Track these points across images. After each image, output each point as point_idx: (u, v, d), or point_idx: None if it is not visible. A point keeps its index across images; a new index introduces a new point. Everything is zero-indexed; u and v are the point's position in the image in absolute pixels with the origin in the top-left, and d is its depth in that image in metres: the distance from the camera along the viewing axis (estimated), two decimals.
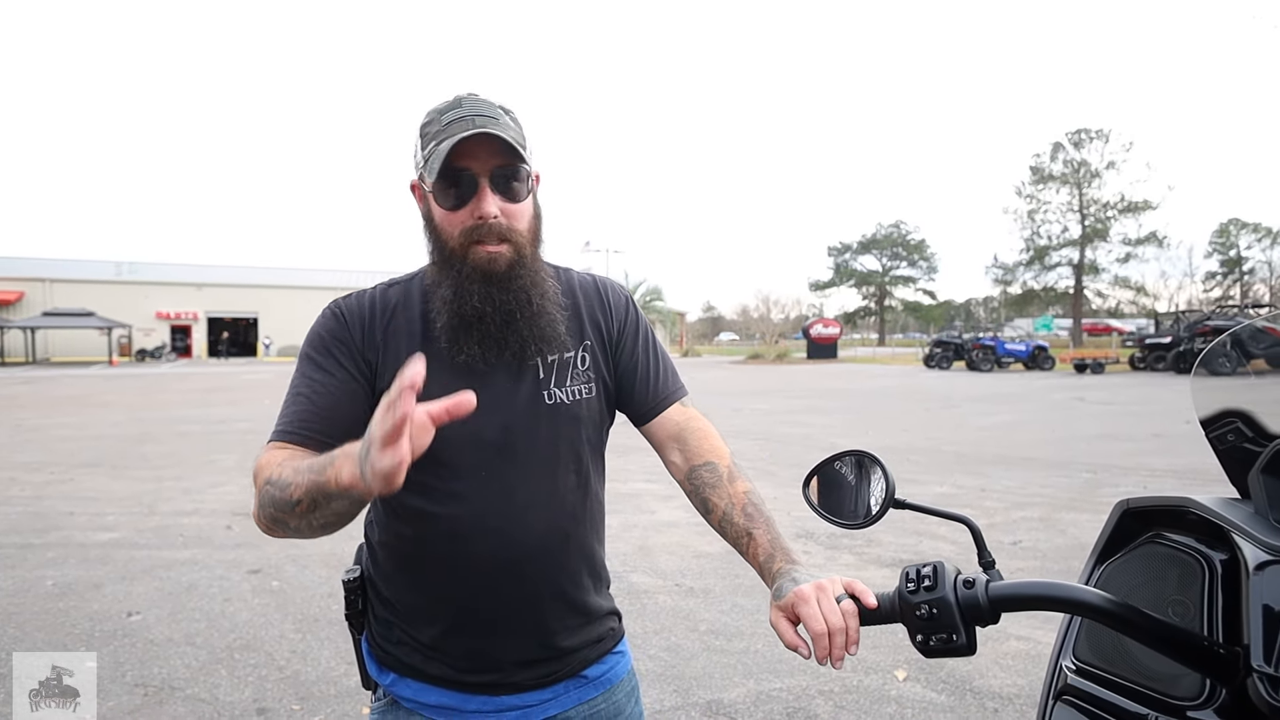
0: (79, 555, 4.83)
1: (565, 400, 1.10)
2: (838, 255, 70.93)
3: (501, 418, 1.05)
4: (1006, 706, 2.88)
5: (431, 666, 1.09)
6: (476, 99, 1.03)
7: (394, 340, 1.07)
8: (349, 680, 3.14)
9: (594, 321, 1.16)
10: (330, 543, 5.13)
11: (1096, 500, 6.29)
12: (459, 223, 1.02)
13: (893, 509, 1.01)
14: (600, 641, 1.17)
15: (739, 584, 4.31)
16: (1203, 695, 0.82)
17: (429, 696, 1.09)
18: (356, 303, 1.10)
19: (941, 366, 30.10)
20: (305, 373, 1.06)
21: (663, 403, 1.18)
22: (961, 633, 0.82)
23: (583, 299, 1.17)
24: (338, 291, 1.25)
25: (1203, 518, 0.92)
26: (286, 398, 1.06)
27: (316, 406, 1.03)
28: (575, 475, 1.12)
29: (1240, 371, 1.14)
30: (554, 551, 1.09)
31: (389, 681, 1.13)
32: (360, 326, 1.07)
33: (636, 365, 1.18)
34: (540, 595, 1.09)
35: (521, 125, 1.06)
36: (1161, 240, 48.01)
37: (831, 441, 9.81)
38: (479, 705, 1.09)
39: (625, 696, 1.19)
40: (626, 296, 1.23)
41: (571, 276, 1.19)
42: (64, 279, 40.39)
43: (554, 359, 1.10)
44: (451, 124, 1.00)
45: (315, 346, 1.07)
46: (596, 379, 1.14)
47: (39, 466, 8.04)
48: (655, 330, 1.46)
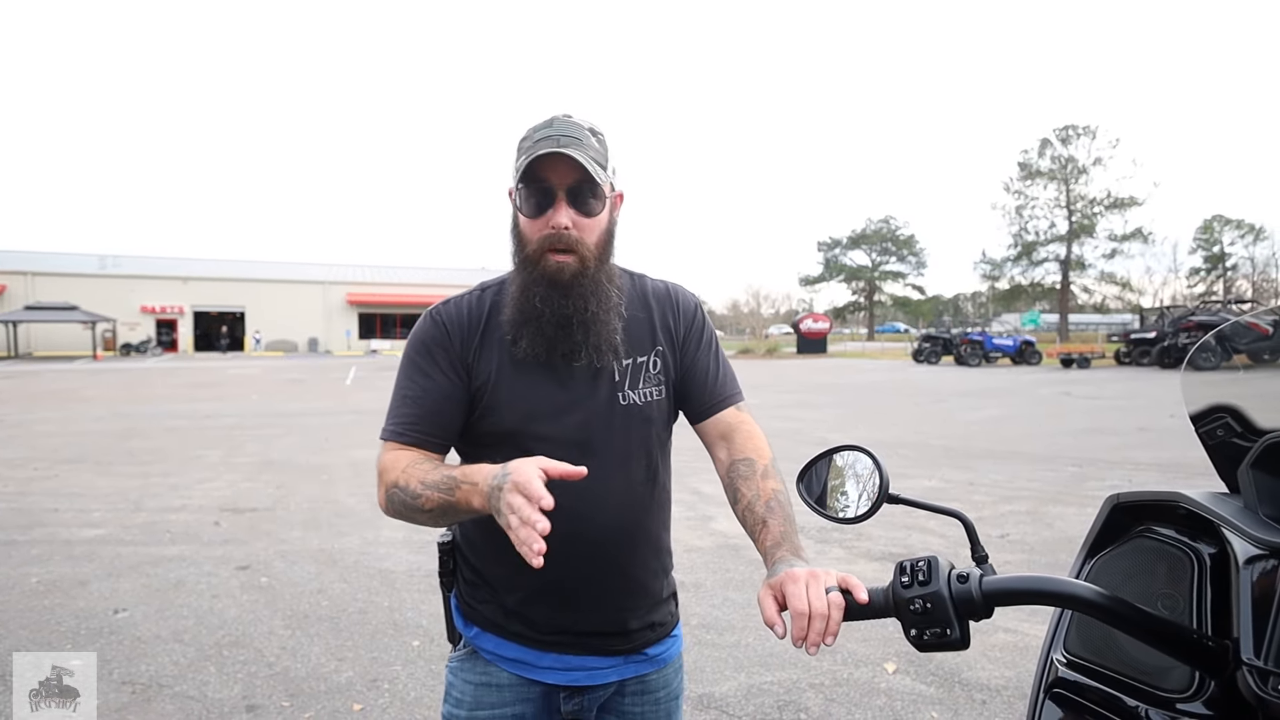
0: (64, 552, 4.78)
1: (638, 401, 1.22)
2: (827, 250, 71.09)
3: (582, 416, 1.18)
4: (995, 698, 2.91)
5: (512, 625, 1.22)
6: (567, 120, 1.15)
7: (486, 345, 1.20)
8: (339, 676, 3.13)
9: (665, 327, 1.27)
10: (319, 539, 5.11)
11: (1083, 494, 6.35)
12: (537, 230, 1.15)
13: (887, 504, 1.02)
14: (662, 625, 1.29)
15: (729, 578, 4.33)
16: (1192, 688, 0.83)
17: (507, 650, 1.23)
18: (455, 310, 1.23)
19: (930, 361, 30.27)
20: (411, 376, 1.20)
21: (720, 404, 1.27)
22: (955, 627, 0.82)
23: (656, 306, 1.28)
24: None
25: (1192, 512, 0.93)
26: (394, 399, 1.20)
27: (423, 409, 1.18)
28: (645, 469, 1.24)
29: (1227, 366, 1.15)
30: (625, 537, 1.21)
31: (473, 634, 1.26)
32: (460, 333, 1.20)
33: (698, 367, 1.28)
34: (611, 575, 1.21)
35: (607, 147, 1.18)
36: (1147, 236, 48.43)
37: (821, 436, 9.85)
38: (551, 662, 1.22)
39: (674, 673, 1.32)
40: (696, 303, 1.34)
41: (646, 284, 1.30)
42: (47, 272, 39.83)
43: (628, 363, 1.22)
44: (540, 141, 1.12)
45: (418, 351, 1.21)
46: (665, 381, 1.26)
47: (22, 462, 7.94)
48: None
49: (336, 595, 4.06)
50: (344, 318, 44.60)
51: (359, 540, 5.09)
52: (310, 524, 5.51)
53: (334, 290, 44.38)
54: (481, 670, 1.24)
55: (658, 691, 1.29)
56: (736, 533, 5.20)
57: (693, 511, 5.84)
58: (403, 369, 1.22)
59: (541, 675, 1.22)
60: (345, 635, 3.54)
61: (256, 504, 6.12)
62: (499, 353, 1.18)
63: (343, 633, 3.57)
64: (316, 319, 43.69)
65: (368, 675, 3.14)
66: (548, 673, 1.22)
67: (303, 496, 6.38)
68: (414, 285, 45.94)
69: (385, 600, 3.99)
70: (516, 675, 1.22)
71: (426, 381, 1.18)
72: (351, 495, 6.44)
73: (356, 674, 3.15)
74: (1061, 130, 49.43)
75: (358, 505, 6.09)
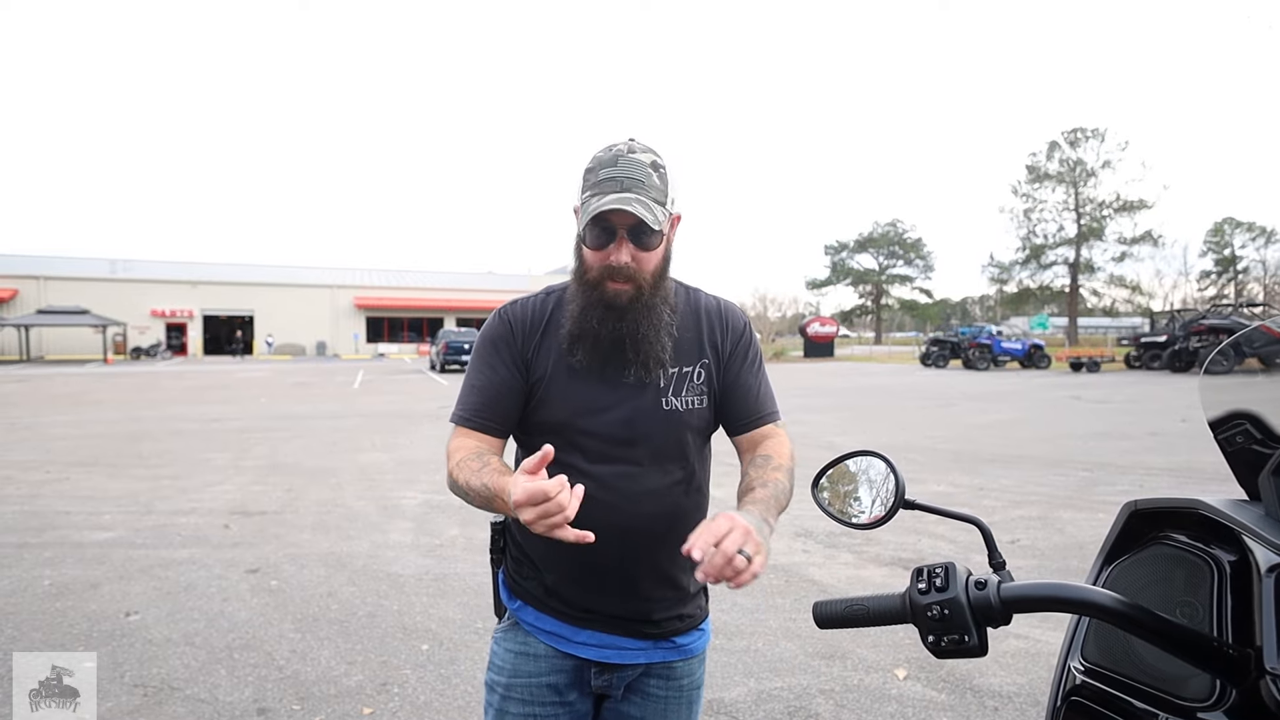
0: (76, 555, 4.81)
1: (680, 408, 1.31)
2: (834, 254, 70.98)
3: (626, 415, 1.28)
4: (1007, 705, 2.89)
5: (550, 601, 1.32)
6: (631, 160, 1.21)
7: (544, 344, 1.31)
8: (349, 680, 3.13)
9: (713, 342, 1.36)
10: (328, 543, 5.12)
11: (1094, 499, 6.30)
12: (599, 261, 1.24)
13: (903, 509, 1.01)
14: (691, 617, 1.37)
15: None
16: (1213, 696, 0.82)
17: (546, 624, 1.33)
18: (521, 310, 1.35)
19: (938, 365, 30.15)
20: (478, 368, 1.33)
21: (758, 420, 1.36)
22: (973, 633, 0.82)
23: (705, 321, 1.37)
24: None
25: (1210, 519, 0.92)
26: (464, 387, 1.34)
27: (486, 398, 1.31)
28: (682, 471, 1.32)
29: (1245, 372, 1.14)
30: (657, 532, 1.28)
31: (516, 607, 1.36)
32: (523, 331, 1.32)
33: (741, 383, 1.37)
34: (641, 565, 1.29)
35: (668, 181, 1.24)
36: (1157, 239, 48.16)
37: (829, 440, 9.82)
38: (585, 639, 1.31)
39: (698, 663, 1.40)
40: (745, 321, 1.42)
41: (699, 299, 1.39)
42: (58, 276, 40.11)
43: (674, 371, 1.31)
44: (605, 182, 1.20)
45: (486, 345, 1.33)
46: (708, 392, 1.34)
47: (34, 465, 8.00)
48: None
49: (346, 599, 4.07)
50: (352, 321, 44.77)
51: (368, 544, 5.10)
52: (319, 527, 5.52)
53: (341, 294, 44.56)
54: (521, 640, 1.34)
55: (682, 679, 1.36)
56: None
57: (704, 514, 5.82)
58: (472, 360, 1.35)
59: (575, 650, 1.31)
60: (355, 639, 3.55)
61: (265, 507, 6.15)
62: (556, 353, 1.29)
63: (352, 636, 3.58)
64: (324, 322, 43.86)
65: (377, 679, 3.14)
66: (581, 648, 1.30)
67: (311, 500, 6.40)
68: (421, 289, 46.09)
69: (394, 604, 3.99)
70: (552, 648, 1.31)
71: (491, 374, 1.30)
72: (360, 499, 6.46)
73: (366, 677, 3.16)
74: (1070, 133, 49.23)
75: (366, 509, 6.10)
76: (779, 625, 3.70)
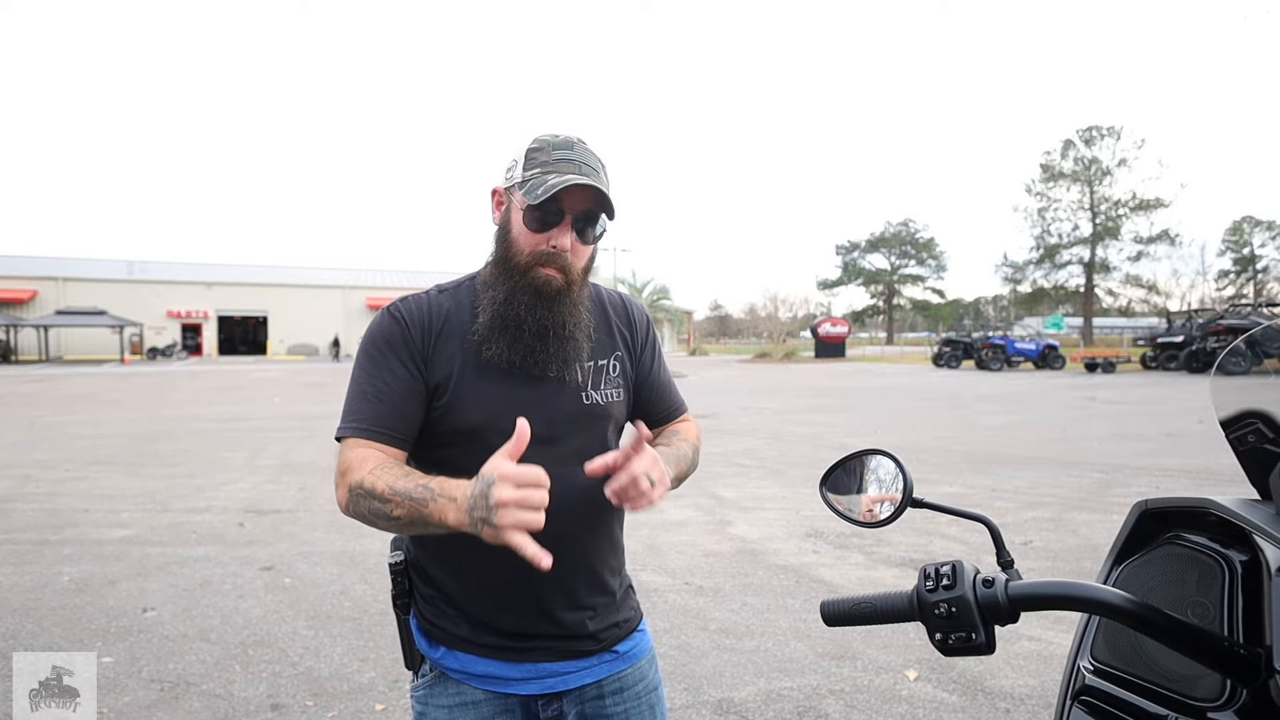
0: (94, 552, 4.88)
1: (600, 401, 1.25)
2: (846, 254, 70.68)
3: (546, 414, 1.18)
4: (1019, 707, 2.87)
5: (482, 637, 1.20)
6: (585, 148, 1.18)
7: (445, 344, 1.19)
8: (362, 676, 3.16)
9: (621, 336, 1.33)
10: (341, 541, 5.17)
11: (1108, 500, 6.25)
12: (533, 244, 1.16)
13: (911, 508, 1.01)
14: (627, 622, 1.32)
15: (748, 583, 4.32)
16: (1223, 696, 0.82)
17: (476, 666, 1.20)
18: (415, 306, 1.21)
19: (950, 365, 29.95)
20: (369, 371, 1.17)
21: (673, 414, 1.40)
22: (980, 632, 0.82)
23: (613, 314, 1.34)
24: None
25: (1222, 519, 0.92)
26: (353, 393, 1.17)
27: (386, 405, 1.15)
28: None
29: (1258, 371, 1.13)
30: (586, 534, 1.23)
31: (439, 655, 1.23)
32: (420, 330, 1.18)
33: (658, 379, 1.38)
34: (575, 572, 1.22)
35: (609, 180, 1.20)
36: (1174, 238, 47.64)
37: (840, 441, 9.79)
38: (523, 673, 1.21)
39: (647, 665, 1.34)
40: (647, 316, 1.41)
41: (600, 292, 1.35)
42: (76, 278, 40.68)
43: (590, 364, 1.25)
44: (561, 162, 1.14)
45: (378, 347, 1.18)
46: (624, 385, 1.31)
47: (54, 464, 8.12)
48: (663, 329, 1.64)
49: (358, 596, 4.11)
50: (364, 321, 45.00)
51: (380, 542, 5.14)
52: (332, 525, 5.57)
53: (354, 294, 44.89)
54: (454, 692, 1.21)
55: (635, 685, 1.29)
56: (755, 537, 5.18)
57: (711, 516, 5.82)
58: (360, 366, 1.18)
59: (515, 688, 1.20)
60: (367, 636, 3.58)
61: (279, 505, 6.21)
62: (460, 353, 1.18)
63: (365, 633, 3.61)
64: (337, 323, 44.20)
65: (389, 676, 3.17)
66: (522, 684, 1.20)
67: (324, 498, 6.46)
68: None
69: None
70: (491, 691, 1.20)
71: (389, 377, 1.15)
72: None
73: (378, 674, 3.18)
74: (1085, 131, 48.80)
75: None
76: (789, 625, 3.69)
